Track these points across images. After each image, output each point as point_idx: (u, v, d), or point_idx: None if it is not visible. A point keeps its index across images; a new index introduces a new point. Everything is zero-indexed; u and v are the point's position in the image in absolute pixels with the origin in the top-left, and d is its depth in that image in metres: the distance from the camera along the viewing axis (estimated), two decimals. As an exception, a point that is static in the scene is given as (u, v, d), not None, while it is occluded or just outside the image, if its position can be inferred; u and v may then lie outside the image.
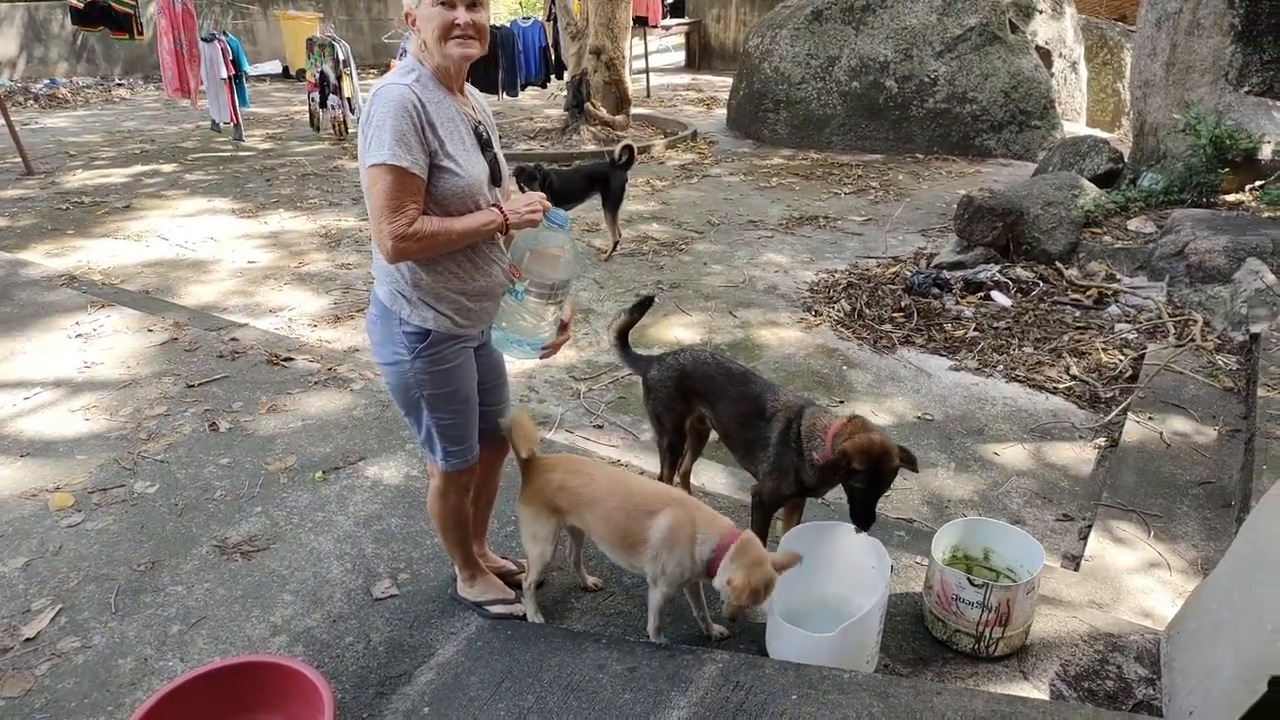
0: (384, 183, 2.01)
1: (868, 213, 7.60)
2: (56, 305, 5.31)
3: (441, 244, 2.12)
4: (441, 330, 2.23)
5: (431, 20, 2.05)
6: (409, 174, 2.02)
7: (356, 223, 7.35)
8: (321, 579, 2.88)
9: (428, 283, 2.19)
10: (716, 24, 16.72)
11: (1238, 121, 6.15)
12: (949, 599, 2.46)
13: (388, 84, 2.06)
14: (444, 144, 2.09)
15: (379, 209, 2.03)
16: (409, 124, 2.01)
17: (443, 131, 2.09)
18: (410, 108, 2.01)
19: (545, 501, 2.53)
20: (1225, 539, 3.13)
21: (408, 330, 2.23)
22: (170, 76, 10.79)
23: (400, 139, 2.00)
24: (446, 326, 2.24)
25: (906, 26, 9.75)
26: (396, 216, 2.02)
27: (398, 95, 2.02)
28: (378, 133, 2.01)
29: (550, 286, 2.22)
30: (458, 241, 2.14)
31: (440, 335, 2.24)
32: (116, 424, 3.90)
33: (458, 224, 2.12)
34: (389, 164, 2.00)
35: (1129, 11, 14.44)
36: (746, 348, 4.93)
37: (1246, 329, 4.55)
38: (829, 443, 2.47)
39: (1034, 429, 4.07)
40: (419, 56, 2.14)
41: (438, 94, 2.12)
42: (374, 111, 2.03)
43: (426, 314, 2.21)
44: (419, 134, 2.03)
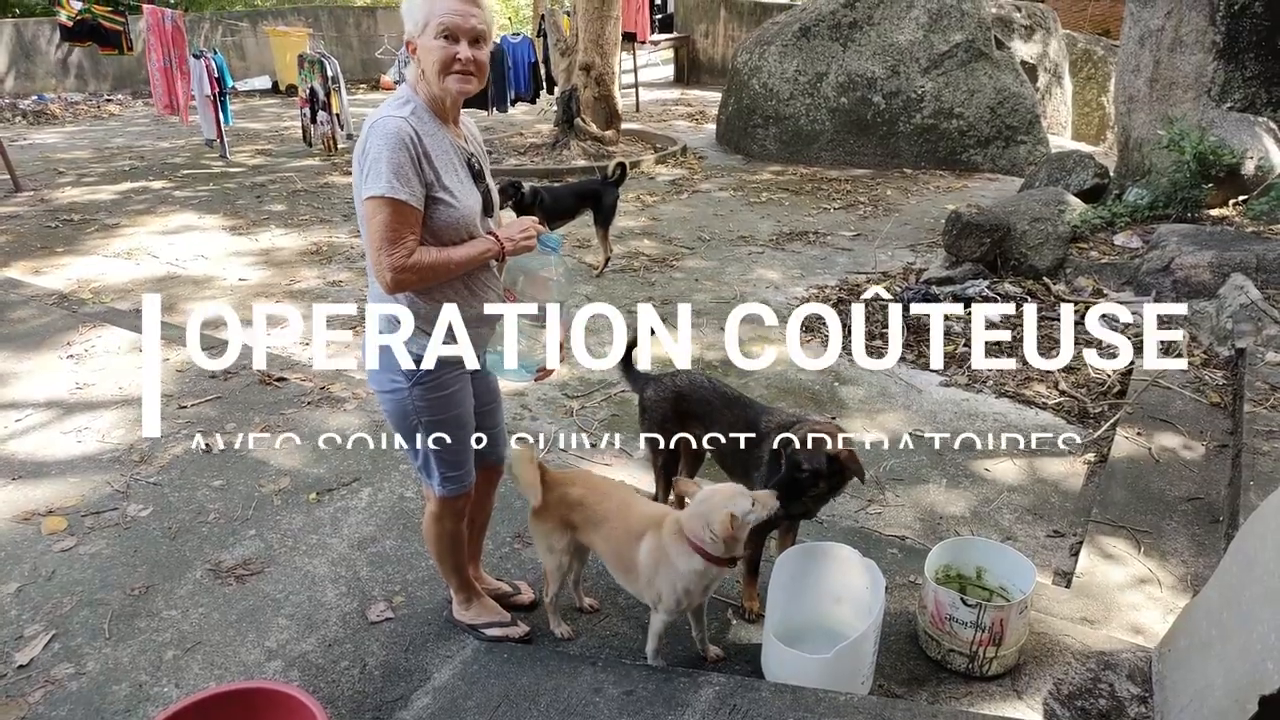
0: (382, 215, 2.03)
1: (857, 228, 7.65)
2: (48, 325, 5.30)
3: (440, 274, 2.14)
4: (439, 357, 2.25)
5: (433, 53, 2.06)
6: (407, 206, 2.04)
7: (348, 239, 7.35)
8: (316, 602, 2.88)
9: (425, 311, 2.21)
10: (705, 39, 16.84)
11: (1221, 137, 6.23)
12: (943, 619, 2.48)
13: (384, 116, 2.07)
14: (439, 176, 2.11)
15: (378, 241, 2.04)
16: (406, 156, 2.03)
17: (438, 163, 2.11)
18: (407, 140, 2.03)
19: (561, 516, 2.53)
20: (1214, 555, 3.16)
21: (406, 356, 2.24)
22: (160, 93, 10.79)
23: (397, 171, 2.01)
24: (446, 353, 2.25)
25: (893, 43, 9.85)
26: (395, 248, 2.04)
27: (394, 128, 2.03)
28: (374, 165, 2.02)
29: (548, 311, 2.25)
30: (455, 271, 2.16)
31: (438, 362, 2.25)
32: (109, 446, 3.89)
33: (456, 253, 2.14)
34: (387, 196, 2.01)
35: (1113, 26, 14.61)
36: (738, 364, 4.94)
37: (1232, 344, 4.60)
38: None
39: (1024, 445, 4.10)
40: (415, 86, 2.16)
41: (432, 125, 2.13)
42: (370, 144, 2.05)
43: (424, 341, 2.22)
44: (415, 166, 2.05)
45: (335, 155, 10.63)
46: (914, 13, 9.85)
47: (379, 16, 18.63)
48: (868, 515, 3.54)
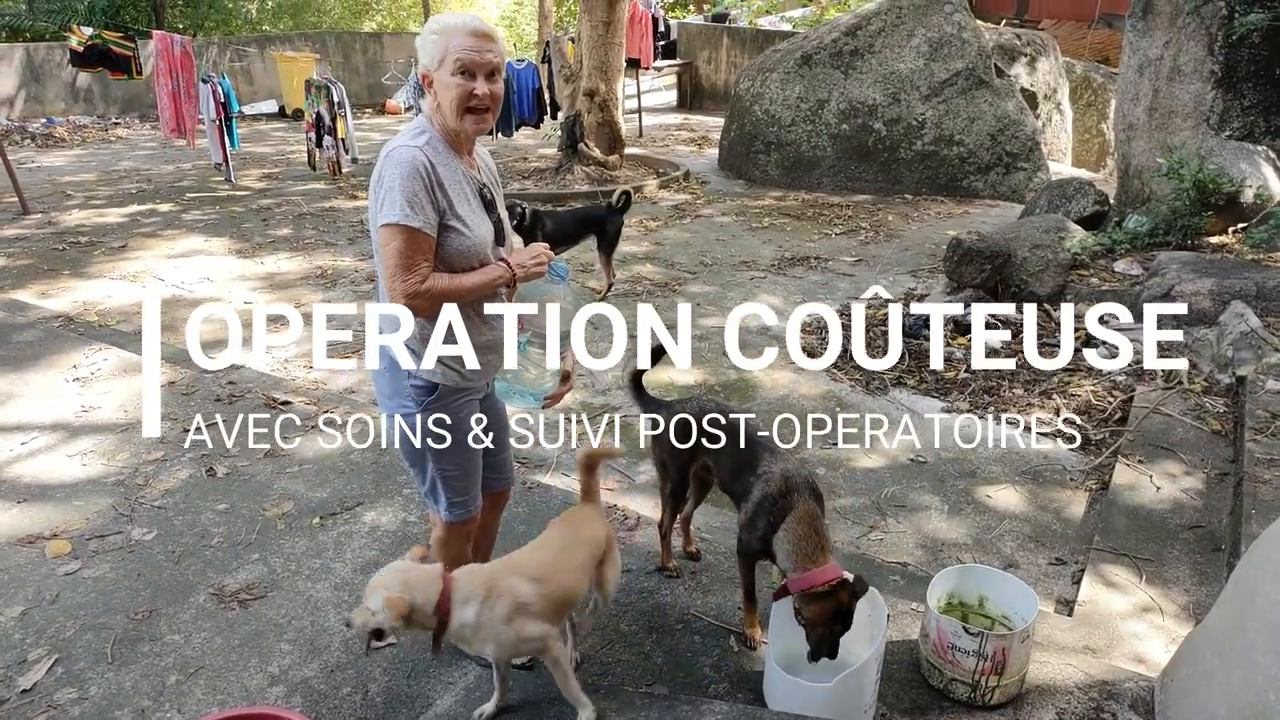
0: (397, 242, 2.07)
1: (858, 253, 7.70)
2: (54, 347, 5.33)
3: (453, 300, 2.18)
4: (449, 383, 2.27)
5: (450, 89, 2.11)
6: (421, 233, 2.08)
7: (353, 263, 7.40)
8: (319, 627, 2.88)
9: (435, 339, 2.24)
10: (708, 66, 16.99)
11: (1220, 165, 6.28)
12: (945, 647, 2.48)
13: (400, 146, 2.12)
14: (452, 204, 2.15)
15: (392, 268, 2.08)
16: (420, 185, 2.07)
17: (451, 193, 2.15)
18: (421, 169, 2.08)
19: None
20: (1216, 584, 3.16)
21: (416, 384, 2.27)
22: (168, 117, 10.89)
23: (412, 200, 2.06)
24: (454, 380, 2.28)
25: (894, 71, 9.94)
26: (410, 275, 2.08)
27: (409, 157, 2.08)
28: (389, 194, 2.07)
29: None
30: (467, 297, 2.20)
31: (448, 388, 2.28)
32: (114, 469, 3.91)
33: (467, 280, 2.18)
34: (401, 224, 2.06)
35: (1111, 54, 14.75)
36: (740, 389, 4.97)
37: (1233, 372, 4.62)
38: (802, 584, 2.41)
39: (1025, 471, 4.11)
40: (431, 117, 2.21)
41: (446, 156, 2.18)
42: (386, 172, 2.09)
43: (435, 368, 2.25)
44: (429, 194, 2.09)
45: (340, 179, 10.71)
46: (914, 41, 9.96)
47: (385, 42, 18.82)
48: (869, 542, 3.55)
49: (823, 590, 2.36)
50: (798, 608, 2.41)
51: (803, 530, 2.46)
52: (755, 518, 2.58)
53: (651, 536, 3.32)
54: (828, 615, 2.36)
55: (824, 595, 2.36)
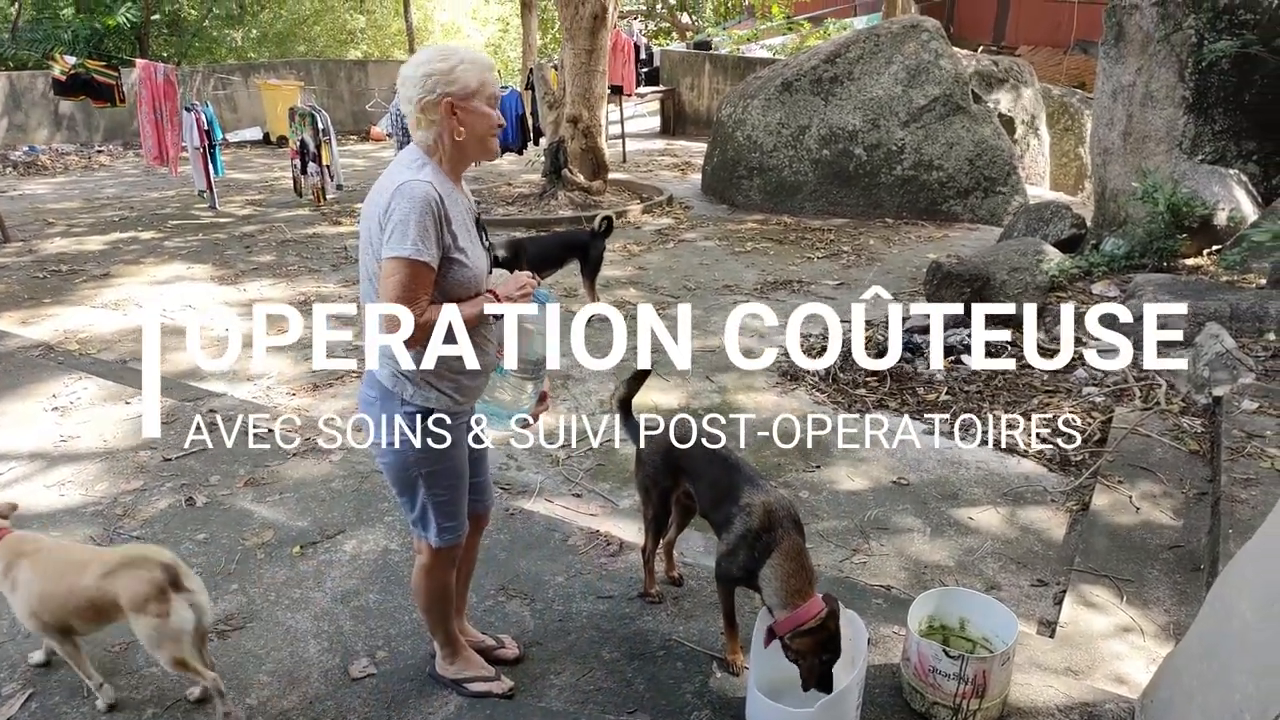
0: (402, 274, 2.09)
1: (840, 277, 7.76)
2: (33, 376, 5.29)
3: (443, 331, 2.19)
4: (442, 408, 2.29)
5: (485, 119, 2.20)
6: (427, 268, 2.11)
7: (336, 288, 7.40)
8: (298, 658, 2.86)
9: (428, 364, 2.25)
10: (690, 92, 17.15)
11: (1193, 189, 6.38)
12: (926, 670, 2.49)
13: (409, 180, 2.13)
14: (457, 237, 2.18)
15: (393, 299, 2.10)
16: (431, 219, 2.10)
17: (456, 225, 2.18)
18: (433, 205, 2.11)
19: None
20: (1196, 603, 3.18)
21: (409, 410, 2.28)
22: (150, 145, 10.89)
23: (423, 235, 2.08)
24: (447, 404, 2.30)
25: (873, 97, 10.08)
26: (410, 308, 2.10)
27: (422, 193, 2.10)
28: (400, 227, 2.08)
29: (533, 363, 2.28)
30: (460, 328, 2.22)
31: (441, 413, 2.29)
32: (92, 499, 3.87)
33: (461, 311, 2.20)
34: (411, 259, 2.08)
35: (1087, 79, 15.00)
36: (723, 412, 4.97)
37: (1209, 392, 4.67)
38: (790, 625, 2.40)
39: (1007, 493, 4.13)
40: (428, 148, 2.21)
41: (449, 187, 2.21)
42: (395, 205, 2.10)
43: (430, 393, 2.27)
44: (438, 229, 2.12)
45: (324, 206, 10.72)
46: (892, 68, 10.10)
47: (370, 70, 18.92)
48: (852, 565, 3.55)
49: (812, 625, 2.36)
50: (787, 644, 2.40)
51: (790, 566, 2.46)
52: (736, 549, 2.58)
53: (634, 563, 3.32)
54: (818, 646, 2.36)
55: (813, 629, 2.36)
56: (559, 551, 3.46)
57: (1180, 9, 6.89)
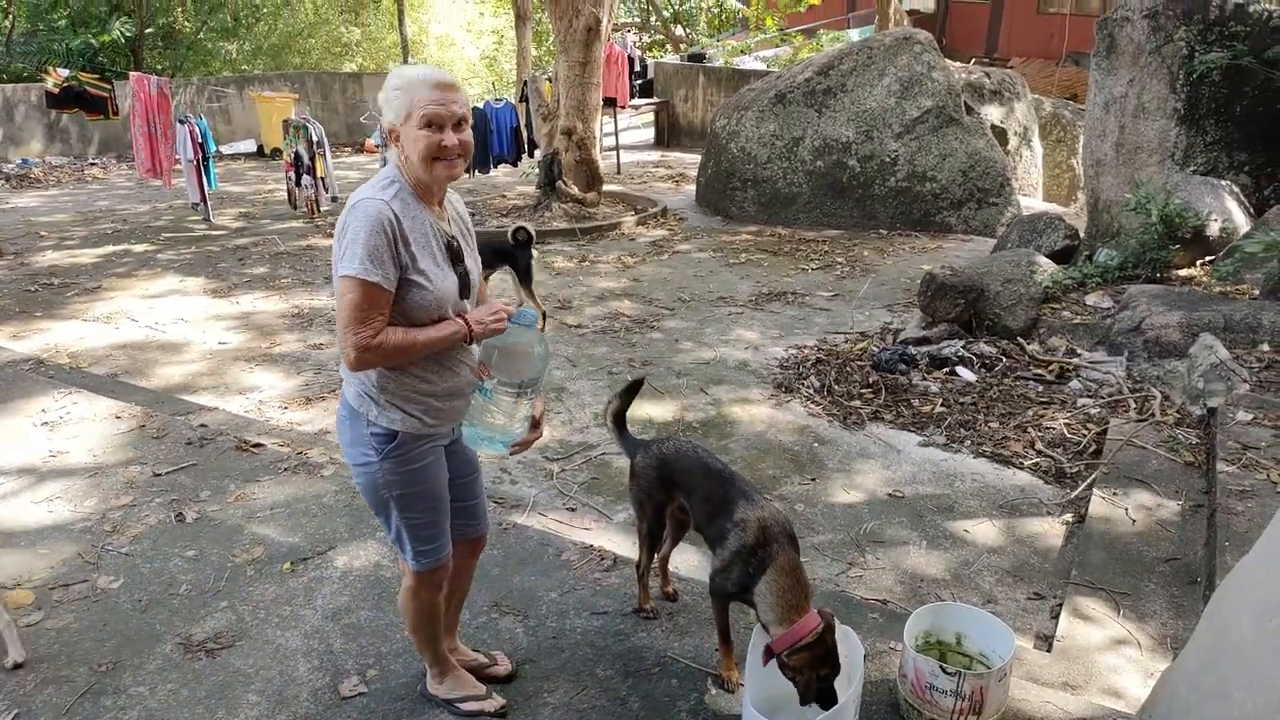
0: (353, 295, 2.05)
1: (835, 288, 7.76)
2: (23, 391, 5.25)
3: (404, 356, 2.15)
4: (410, 431, 2.24)
5: (418, 142, 2.10)
6: (378, 288, 2.07)
7: (329, 302, 7.37)
8: (288, 677, 2.82)
9: (394, 385, 2.21)
10: (684, 104, 17.19)
11: (1185, 200, 6.41)
12: (923, 687, 2.46)
13: (366, 198, 2.10)
14: (416, 259, 2.13)
15: (345, 320, 2.07)
16: (383, 239, 2.06)
17: (415, 246, 2.13)
18: (385, 223, 2.06)
19: None
20: (1193, 616, 3.16)
21: (375, 432, 2.24)
22: (143, 158, 10.86)
23: (373, 254, 2.04)
24: (415, 427, 2.25)
25: (866, 109, 10.10)
26: (361, 329, 2.06)
27: (375, 211, 2.07)
28: (351, 246, 2.05)
29: (519, 384, 2.25)
30: (420, 353, 2.18)
31: (408, 436, 2.25)
32: (81, 515, 3.83)
33: (421, 335, 2.15)
34: (359, 278, 2.04)
35: (1079, 91, 15.07)
36: (718, 425, 4.97)
37: (1204, 403, 4.67)
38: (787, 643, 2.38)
39: (1002, 505, 4.12)
40: (400, 167, 2.19)
41: (415, 208, 2.17)
42: (349, 223, 2.08)
43: (394, 415, 2.23)
44: (392, 249, 2.08)
45: (318, 218, 10.70)
46: (885, 80, 10.13)
47: (365, 82, 18.91)
48: (847, 579, 3.53)
49: (809, 640, 2.34)
50: (784, 661, 2.37)
51: (786, 582, 2.43)
52: (731, 565, 2.55)
53: (627, 578, 3.29)
54: (815, 661, 2.34)
55: (810, 644, 2.34)
56: (552, 567, 3.43)
57: (1171, 21, 6.93)
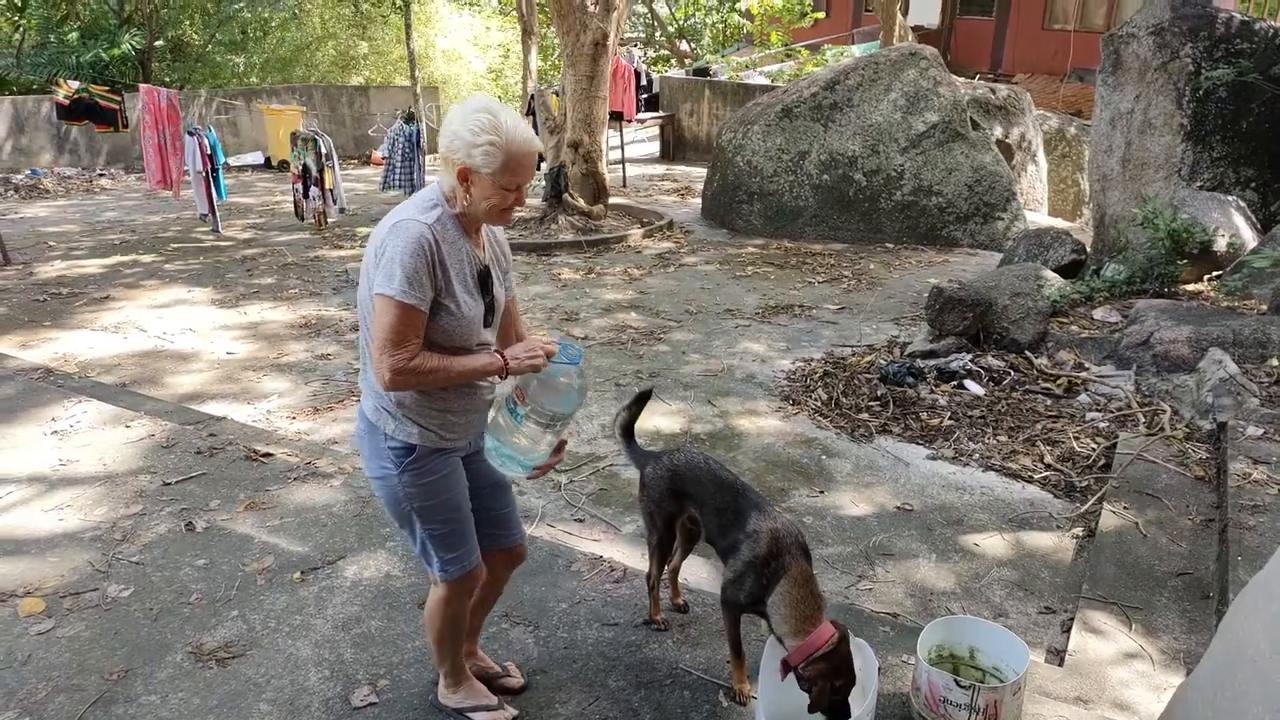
0: (390, 316, 2.07)
1: (841, 301, 7.77)
2: (33, 400, 5.26)
3: (438, 381, 2.17)
4: (426, 444, 2.26)
5: (492, 198, 2.12)
6: (415, 311, 2.08)
7: (337, 312, 7.40)
8: (299, 687, 2.82)
9: (411, 401, 2.23)
10: (689, 118, 17.27)
11: (1193, 215, 6.42)
12: (936, 700, 2.46)
13: (407, 219, 2.11)
14: (449, 284, 2.15)
15: (382, 341, 2.08)
16: (422, 262, 2.07)
17: (451, 271, 2.15)
18: (425, 246, 2.08)
19: None
20: (1205, 631, 3.15)
21: (393, 445, 2.25)
22: (153, 169, 10.93)
23: (412, 277, 2.06)
24: (432, 440, 2.26)
25: (872, 124, 10.15)
26: (398, 351, 2.07)
27: (415, 234, 2.08)
28: (390, 265, 2.06)
29: (551, 416, 2.24)
30: (454, 380, 2.20)
31: (425, 449, 2.26)
32: (91, 524, 3.83)
33: (456, 364, 2.17)
34: (398, 299, 2.05)
35: (1084, 106, 15.12)
36: (726, 437, 4.97)
37: (1213, 418, 4.66)
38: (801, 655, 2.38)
39: (1012, 519, 4.11)
40: (449, 197, 2.19)
41: (454, 235, 2.18)
42: (389, 242, 2.09)
43: (411, 429, 2.24)
44: (430, 272, 2.09)
45: (325, 230, 10.75)
46: (891, 95, 10.18)
47: (371, 95, 19.04)
48: (857, 592, 3.52)
49: (825, 650, 2.34)
50: (801, 674, 2.37)
51: (799, 594, 2.44)
52: (743, 576, 2.55)
53: (638, 589, 3.28)
54: (831, 672, 2.33)
55: (825, 654, 2.34)
56: (562, 577, 3.43)
57: (1177, 38, 6.96)
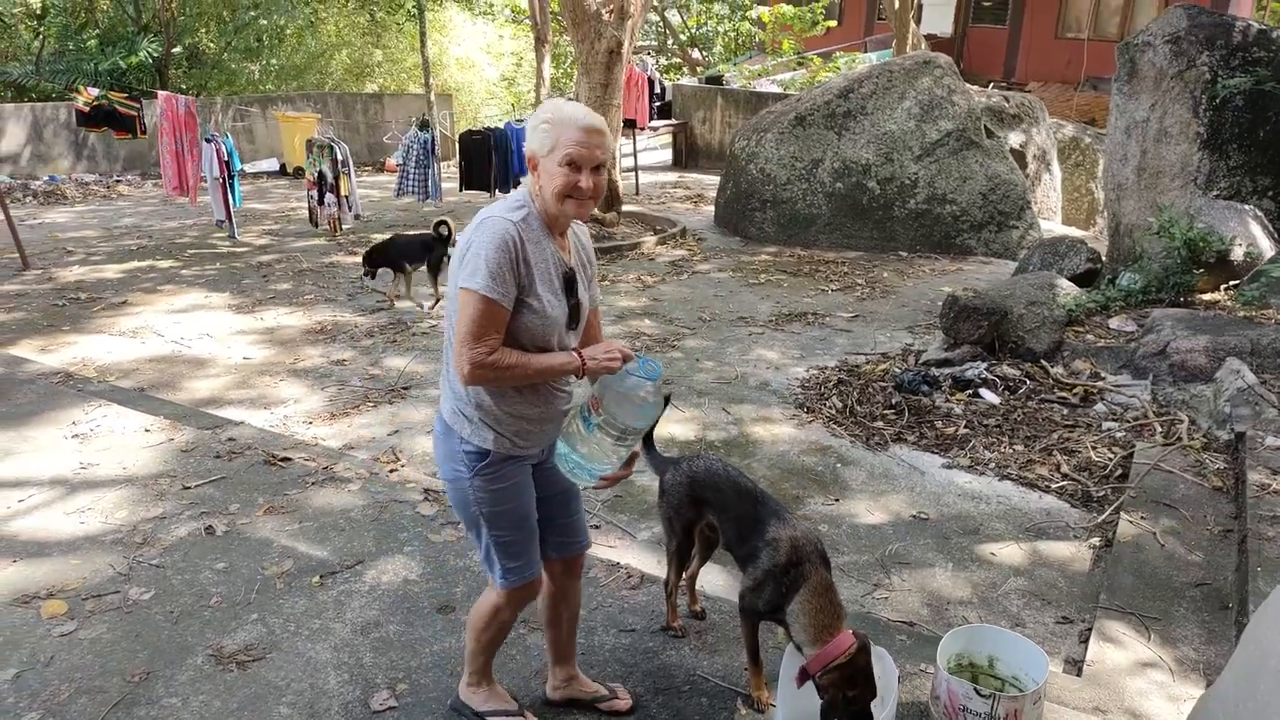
0: (473, 310, 2.11)
1: (855, 309, 7.76)
2: (53, 403, 5.32)
3: (516, 377, 2.20)
4: (500, 450, 2.29)
5: (555, 178, 2.15)
6: (498, 306, 2.12)
7: (352, 317, 7.44)
8: (318, 690, 2.84)
9: (489, 405, 2.26)
10: (702, 126, 17.30)
11: (1209, 224, 6.39)
12: (956, 709, 2.46)
13: (495, 216, 2.16)
14: (533, 282, 2.18)
15: (464, 334, 2.12)
16: (506, 258, 2.11)
17: (535, 270, 2.19)
18: (510, 242, 2.12)
19: None
20: (1225, 642, 3.14)
21: (467, 450, 2.29)
22: (170, 175, 11.01)
23: (496, 272, 2.10)
24: (506, 447, 2.30)
25: (886, 132, 10.15)
26: (478, 345, 2.11)
27: (501, 230, 2.13)
28: (475, 260, 2.11)
29: (623, 430, 2.24)
30: (532, 378, 2.23)
31: (499, 455, 2.29)
32: (112, 527, 3.87)
33: (535, 361, 2.20)
34: (482, 294, 2.10)
35: (1098, 115, 15.08)
36: (740, 444, 4.97)
37: (1231, 428, 4.64)
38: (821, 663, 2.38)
39: (1029, 528, 4.10)
40: (532, 194, 2.24)
41: (539, 234, 2.22)
42: (475, 238, 2.14)
43: (486, 434, 2.27)
44: (513, 269, 2.13)
45: (340, 236, 10.81)
46: (905, 103, 10.19)
47: (386, 102, 19.17)
48: (874, 600, 3.52)
49: (841, 660, 2.34)
50: (819, 682, 2.37)
51: (818, 603, 2.45)
52: (762, 584, 2.56)
53: (654, 595, 3.29)
54: (847, 680, 2.33)
55: (842, 664, 2.34)
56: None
57: (1194, 46, 6.94)
